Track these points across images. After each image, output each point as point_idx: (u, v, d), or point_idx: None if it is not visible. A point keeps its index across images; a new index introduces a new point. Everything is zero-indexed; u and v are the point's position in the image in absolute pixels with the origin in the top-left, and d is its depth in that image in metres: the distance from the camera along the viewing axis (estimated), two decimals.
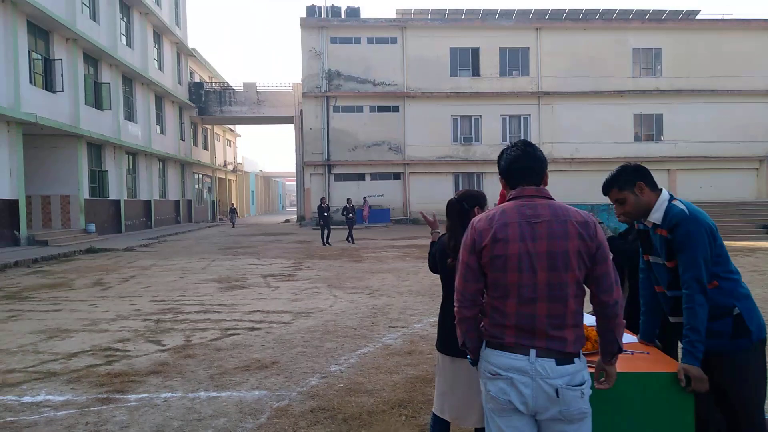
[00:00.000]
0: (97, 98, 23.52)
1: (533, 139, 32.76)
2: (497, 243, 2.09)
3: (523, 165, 2.27)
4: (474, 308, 2.19)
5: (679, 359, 2.49)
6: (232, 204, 35.35)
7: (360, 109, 32.76)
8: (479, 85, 32.56)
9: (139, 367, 5.39)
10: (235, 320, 7.42)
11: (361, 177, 32.95)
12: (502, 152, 2.38)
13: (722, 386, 2.48)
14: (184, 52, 36.20)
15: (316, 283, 10.64)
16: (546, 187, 2.26)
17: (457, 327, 2.24)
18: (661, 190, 2.70)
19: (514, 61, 32.87)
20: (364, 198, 31.56)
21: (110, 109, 24.46)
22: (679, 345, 2.68)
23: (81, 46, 22.00)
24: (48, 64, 20.00)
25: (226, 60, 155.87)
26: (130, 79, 27.62)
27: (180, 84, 35.49)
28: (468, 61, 32.76)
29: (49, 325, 7.27)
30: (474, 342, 2.22)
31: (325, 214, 18.54)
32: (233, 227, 30.03)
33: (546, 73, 32.53)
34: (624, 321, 2.16)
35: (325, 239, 18.57)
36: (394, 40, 32.41)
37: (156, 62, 31.32)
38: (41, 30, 19.73)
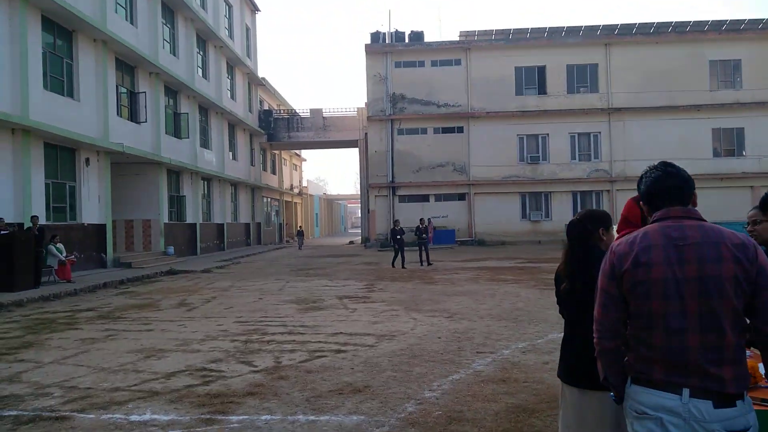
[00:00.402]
0: (176, 127, 24.76)
1: (604, 156, 31.85)
2: (639, 267, 1.96)
3: (667, 185, 2.13)
4: (615, 339, 2.06)
5: None
6: (300, 227, 36.07)
7: (424, 131, 32.90)
8: (546, 103, 32.03)
9: (235, 387, 5.49)
10: (320, 342, 7.47)
11: (425, 198, 32.94)
12: (642, 176, 2.25)
13: None
14: (254, 81, 37.66)
15: (393, 305, 10.60)
16: (696, 208, 2.13)
17: (598, 360, 2.13)
18: None
19: (582, 78, 32.19)
20: (429, 219, 31.48)
21: (188, 138, 25.68)
22: None
23: (162, 80, 23.29)
24: (133, 97, 21.28)
25: (293, 87, 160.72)
26: (205, 108, 28.97)
27: (251, 112, 36.87)
28: (534, 79, 32.35)
29: (144, 345, 7.57)
30: (617, 377, 2.08)
31: (398, 237, 18.45)
32: (300, 249, 30.60)
33: (616, 89, 31.63)
34: None
35: (402, 262, 18.25)
36: (458, 62, 32.49)
37: (229, 92, 32.73)
38: (127, 65, 21.07)
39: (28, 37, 15.23)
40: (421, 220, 19.37)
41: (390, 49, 32.64)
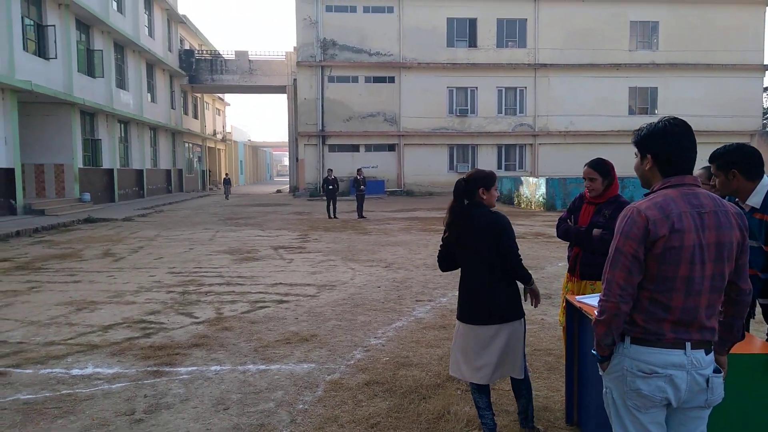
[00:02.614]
0: (89, 66, 22.99)
1: (528, 111, 32.81)
2: (674, 234, 2.00)
3: (689, 155, 2.13)
4: (632, 302, 2.08)
5: None
6: (227, 174, 34.87)
7: (355, 80, 32.41)
8: (476, 56, 32.32)
9: (179, 339, 5.44)
10: (260, 293, 7.47)
11: (355, 148, 32.79)
12: (657, 129, 2.14)
13: None
14: (174, 19, 35.33)
15: (329, 255, 10.70)
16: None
17: (605, 323, 2.09)
18: (762, 176, 2.76)
19: (511, 32, 32.63)
20: (358, 169, 31.41)
21: (103, 77, 23.95)
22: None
23: (73, 12, 21.37)
24: (41, 30, 19.44)
25: (217, 27, 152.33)
26: (121, 46, 26.98)
27: (170, 52, 34.74)
28: (465, 31, 32.44)
29: (74, 297, 7.27)
30: (616, 337, 2.12)
31: (331, 186, 18.38)
32: (227, 198, 29.60)
33: (543, 45, 32.37)
34: None
35: (333, 212, 18.37)
36: (390, 10, 31.92)
37: (147, 29, 30.57)
38: None
39: None
40: (358, 170, 19.33)
41: None
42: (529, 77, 32.63)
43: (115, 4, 25.93)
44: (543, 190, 21.31)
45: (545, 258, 10.06)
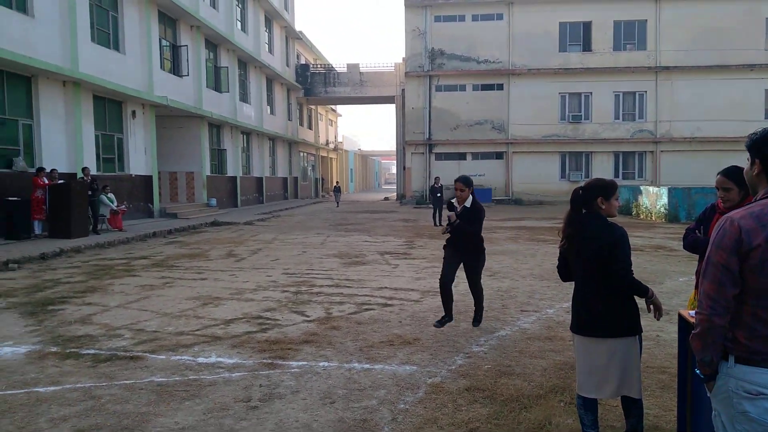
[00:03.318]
0: (216, 81, 25.00)
1: (649, 116, 30.93)
2: None
3: None
4: (727, 316, 1.98)
5: None
6: (337, 182, 36.29)
7: (463, 88, 32.39)
8: (590, 60, 31.04)
9: (292, 335, 5.81)
10: (366, 295, 7.75)
11: (462, 156, 32.71)
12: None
13: None
14: (291, 35, 37.43)
15: (433, 262, 10.79)
16: None
17: (700, 337, 2.03)
18: None
19: (629, 34, 30.99)
20: (436, 177, 31.21)
21: (228, 92, 25.93)
22: None
23: (203, 33, 23.41)
24: (175, 50, 21.50)
25: (330, 41, 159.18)
26: (244, 62, 29.07)
27: (288, 66, 36.82)
28: (579, 35, 31.29)
29: (201, 293, 7.98)
30: (717, 354, 2.03)
31: (438, 194, 18.54)
32: (337, 206, 30.47)
33: (665, 47, 30.39)
34: None
35: (439, 220, 18.52)
36: (500, 17, 31.57)
37: (267, 46, 32.69)
38: (169, 18, 21.22)
39: None
40: (436, 179, 19.43)
41: (430, 3, 31.84)
42: (650, 81, 30.74)
43: (239, 24, 28.02)
44: (665, 200, 19.96)
45: (665, 272, 9.46)
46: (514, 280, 8.89)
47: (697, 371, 2.10)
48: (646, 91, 30.93)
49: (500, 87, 31.94)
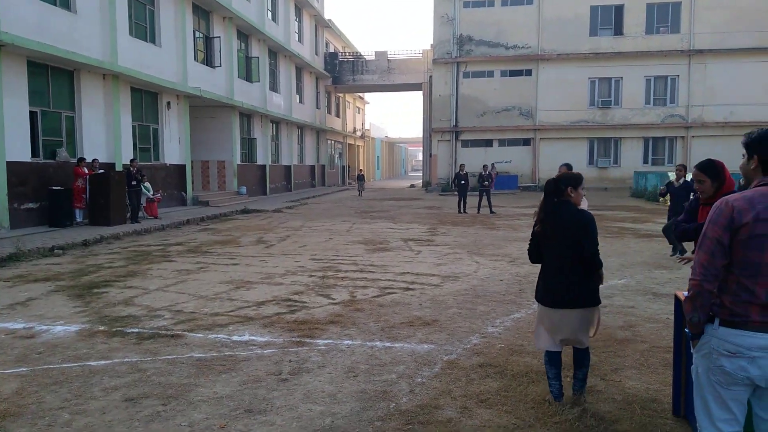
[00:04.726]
0: (247, 71, 25.51)
1: (681, 101, 30.37)
2: (759, 222, 2.20)
3: None
4: (716, 282, 2.28)
5: None
6: (360, 170, 36.53)
7: (491, 74, 32.28)
8: (621, 44, 30.56)
9: (318, 317, 6.20)
10: (389, 280, 8.10)
11: (488, 143, 32.70)
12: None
13: None
14: (321, 23, 37.71)
15: (456, 249, 11.09)
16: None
17: (691, 300, 2.32)
18: None
19: (662, 17, 30.36)
20: (492, 164, 31.27)
21: (258, 81, 26.42)
22: None
23: (235, 24, 23.89)
24: (208, 41, 22.04)
25: (358, 29, 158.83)
26: (274, 52, 29.52)
27: (317, 55, 37.16)
28: (610, 19, 30.80)
29: (233, 277, 8.44)
30: (705, 316, 2.32)
31: (463, 182, 18.71)
32: (360, 195, 29.64)
33: (700, 30, 29.70)
34: None
35: (463, 207, 18.74)
36: (530, 1, 31.29)
37: (296, 35, 33.06)
38: (203, 10, 21.73)
39: None
40: (484, 166, 19.35)
41: None
42: (683, 65, 30.14)
43: (270, 14, 28.43)
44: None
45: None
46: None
47: (686, 330, 2.42)
48: (678, 75, 30.35)
49: (528, 73, 31.73)
